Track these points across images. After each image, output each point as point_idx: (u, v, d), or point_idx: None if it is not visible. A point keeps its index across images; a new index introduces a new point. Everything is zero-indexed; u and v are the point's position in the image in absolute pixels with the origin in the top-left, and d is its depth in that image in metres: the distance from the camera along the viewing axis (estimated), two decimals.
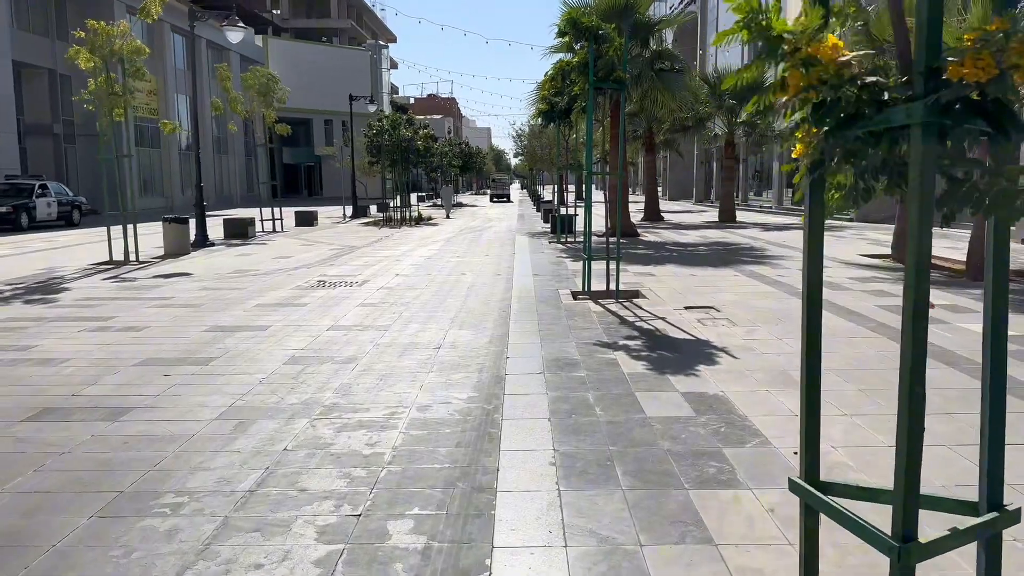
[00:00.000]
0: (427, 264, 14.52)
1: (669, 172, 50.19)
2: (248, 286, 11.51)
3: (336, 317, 8.88)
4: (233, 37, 19.00)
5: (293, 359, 6.83)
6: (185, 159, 44.05)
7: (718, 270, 12.81)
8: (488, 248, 17.90)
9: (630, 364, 6.46)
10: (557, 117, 18.24)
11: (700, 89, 23.84)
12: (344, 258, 15.66)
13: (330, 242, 19.74)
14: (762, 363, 6.46)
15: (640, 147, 27.38)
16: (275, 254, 16.49)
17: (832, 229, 21.89)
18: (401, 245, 18.87)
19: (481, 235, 22.32)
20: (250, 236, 20.76)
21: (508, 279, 12.18)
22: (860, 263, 13.38)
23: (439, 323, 8.54)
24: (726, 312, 8.85)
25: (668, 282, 11.40)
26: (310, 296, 10.49)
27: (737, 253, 15.60)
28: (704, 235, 20.77)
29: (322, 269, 13.72)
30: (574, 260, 14.51)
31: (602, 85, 9.90)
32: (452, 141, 55.05)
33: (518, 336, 7.66)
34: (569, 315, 8.79)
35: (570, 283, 11.41)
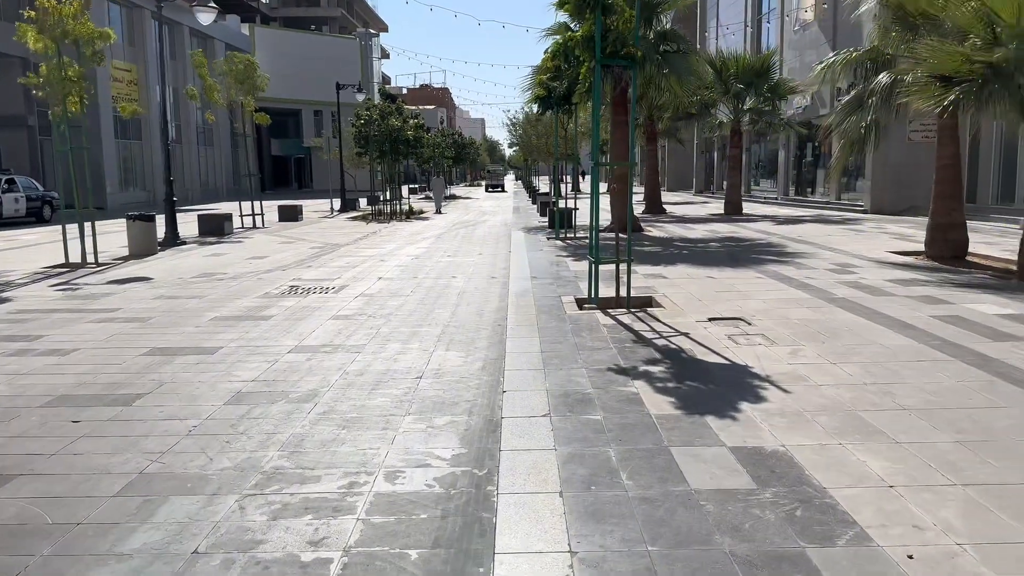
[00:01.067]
0: (414, 265, 13.21)
1: (667, 162, 48.86)
2: (210, 293, 10.19)
3: (302, 335, 7.57)
4: (203, 18, 17.61)
5: (238, 396, 5.52)
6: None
7: (737, 271, 11.53)
8: (482, 245, 16.60)
9: (656, 401, 5.18)
10: (555, 104, 16.94)
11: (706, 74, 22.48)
12: (324, 258, 14.34)
13: (312, 239, 18.40)
14: (822, 400, 5.18)
15: (641, 135, 26.05)
16: (249, 254, 15.16)
17: (847, 222, 20.64)
18: (388, 242, 17.55)
19: (474, 230, 21.01)
20: (226, 233, 19.41)
21: (504, 283, 10.90)
22: (893, 262, 12.11)
23: (423, 342, 7.24)
24: (758, 325, 7.57)
25: (683, 286, 10.12)
26: (277, 306, 9.18)
27: (753, 250, 14.32)
28: (713, 229, 19.49)
29: (298, 272, 12.40)
30: (576, 259, 13.23)
31: (611, 62, 8.58)
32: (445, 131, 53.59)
33: (517, 359, 6.38)
34: (575, 329, 7.51)
35: (573, 288, 10.12)
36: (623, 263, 8.84)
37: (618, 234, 9.11)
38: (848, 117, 12.16)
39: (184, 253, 15.40)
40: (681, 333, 7.28)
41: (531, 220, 24.52)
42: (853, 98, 12.39)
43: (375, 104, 27.32)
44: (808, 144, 29.02)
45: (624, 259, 8.86)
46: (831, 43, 25.77)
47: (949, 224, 12.14)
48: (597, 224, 8.95)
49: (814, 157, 28.89)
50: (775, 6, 31.20)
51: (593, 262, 8.81)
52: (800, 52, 28.02)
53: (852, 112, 12.14)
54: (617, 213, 18.96)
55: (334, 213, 30.28)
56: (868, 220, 21.13)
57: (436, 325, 8.02)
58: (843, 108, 12.47)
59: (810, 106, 27.35)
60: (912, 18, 11.69)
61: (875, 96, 11.73)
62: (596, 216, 8.92)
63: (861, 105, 12.01)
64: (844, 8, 24.65)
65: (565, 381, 5.70)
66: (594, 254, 8.81)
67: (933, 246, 12.29)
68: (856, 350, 6.51)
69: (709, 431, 4.60)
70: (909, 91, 10.52)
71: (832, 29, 25.69)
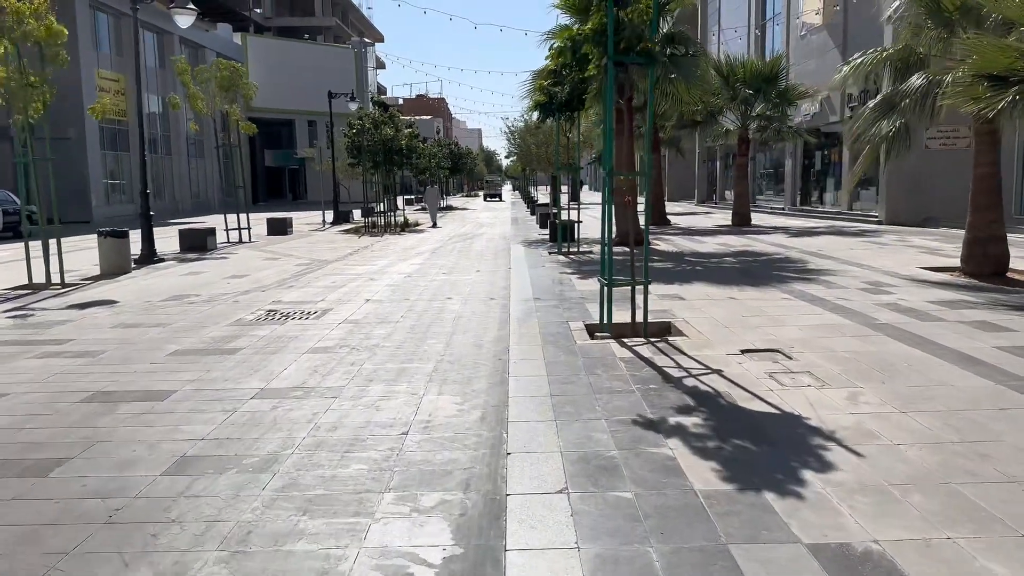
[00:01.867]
0: (407, 284, 12.18)
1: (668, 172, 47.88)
2: (176, 320, 9.14)
3: (271, 374, 6.52)
4: (182, 21, 16.62)
5: (182, 463, 4.48)
6: (156, 163, 41.57)
7: (761, 290, 10.50)
8: (479, 260, 15.57)
9: (699, 469, 4.14)
10: (556, 110, 15.96)
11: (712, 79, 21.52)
12: (309, 276, 13.29)
13: (299, 255, 17.35)
14: (905, 467, 4.15)
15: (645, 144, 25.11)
16: (230, 272, 14.11)
17: (865, 234, 19.65)
18: (379, 258, 16.51)
19: (472, 244, 19.99)
20: (209, 249, 18.36)
21: (504, 305, 9.87)
22: (929, 280, 11.09)
23: (412, 382, 6.20)
24: (801, 359, 6.54)
25: (704, 309, 9.09)
26: (249, 336, 8.13)
27: (773, 266, 13.30)
28: (724, 242, 18.48)
29: (278, 293, 11.35)
30: (581, 277, 12.21)
31: (625, 59, 7.58)
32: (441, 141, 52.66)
33: (522, 407, 5.34)
34: (588, 365, 6.48)
35: (581, 311, 9.10)
36: (639, 285, 7.83)
37: (632, 252, 8.08)
38: (878, 121, 11.18)
39: (160, 271, 14.35)
40: (712, 370, 6.25)
41: (530, 233, 23.52)
42: (882, 101, 11.41)
43: (368, 113, 26.34)
44: (817, 153, 28.08)
45: (640, 280, 7.84)
46: (841, 48, 24.87)
47: (988, 238, 11.13)
48: (610, 240, 7.93)
49: (823, 166, 27.94)
50: (780, 11, 30.34)
51: (605, 284, 7.79)
52: (807, 57, 27.12)
53: (882, 116, 11.15)
54: (622, 226, 17.98)
55: (326, 226, 29.26)
56: (886, 232, 20.14)
57: (428, 360, 6.98)
58: (872, 111, 11.49)
59: (819, 113, 26.42)
60: (948, 13, 10.72)
61: (908, 99, 10.74)
62: (610, 231, 7.91)
63: (892, 108, 11.02)
64: (855, 11, 23.78)
65: (582, 438, 4.67)
66: (607, 275, 7.79)
67: (971, 262, 11.28)
68: (924, 393, 5.48)
69: (775, 518, 3.56)
70: (950, 93, 9.53)
71: (842, 33, 24.79)
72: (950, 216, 21.11)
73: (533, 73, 17.77)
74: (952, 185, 21.52)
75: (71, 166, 34.73)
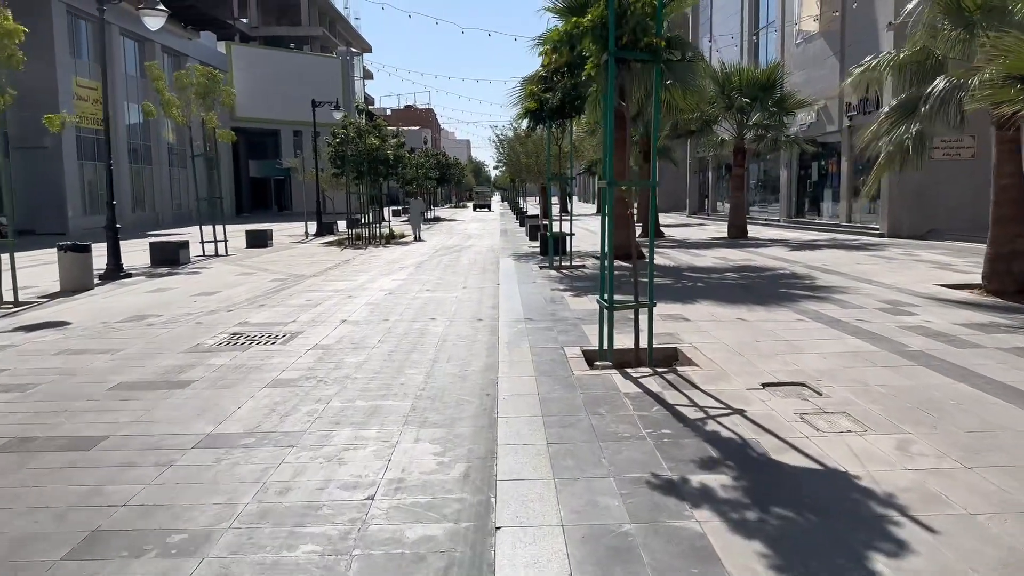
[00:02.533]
0: (387, 303, 11.30)
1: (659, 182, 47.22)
2: (128, 346, 8.22)
3: (222, 414, 5.63)
4: (151, 23, 15.71)
5: (90, 539, 3.59)
6: (137, 173, 40.55)
7: (771, 310, 9.69)
8: (467, 276, 14.71)
9: (741, 557, 3.29)
10: (547, 117, 15.18)
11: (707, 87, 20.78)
12: (284, 294, 12.38)
13: (275, 269, 16.43)
14: (994, 550, 3.31)
15: (638, 154, 24.32)
16: (199, 288, 13.18)
17: (869, 248, 18.92)
18: (360, 273, 15.61)
19: (459, 257, 19.13)
20: (182, 263, 17.42)
21: (492, 327, 9.01)
22: (949, 298, 10.32)
23: (385, 425, 5.33)
24: (832, 395, 5.71)
25: (712, 332, 8.26)
26: (205, 366, 7.23)
27: (779, 283, 12.50)
28: (722, 256, 17.69)
29: (247, 313, 10.45)
30: (575, 294, 11.37)
31: (628, 56, 6.78)
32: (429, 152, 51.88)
33: (513, 460, 4.48)
34: (589, 402, 5.63)
35: (578, 334, 8.25)
36: (643, 307, 7.00)
37: (635, 268, 7.25)
38: (896, 127, 10.42)
39: (125, 288, 13.40)
40: (733, 410, 5.41)
41: (520, 245, 22.69)
42: (900, 106, 10.66)
43: (352, 122, 25.48)
44: (813, 163, 27.42)
45: (644, 302, 7.01)
46: (839, 56, 24.25)
47: (1012, 253, 10.38)
48: (611, 258, 7.10)
49: (820, 177, 27.28)
50: (774, 18, 29.74)
51: (606, 307, 6.95)
52: (803, 66, 26.49)
53: (900, 121, 10.40)
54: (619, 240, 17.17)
55: (309, 238, 28.35)
56: (890, 245, 19.40)
57: (405, 395, 6.11)
58: (888, 117, 10.73)
59: (815, 123, 25.78)
60: (969, 12, 10.00)
61: (929, 103, 9.99)
62: (610, 247, 7.08)
63: (911, 113, 10.27)
64: (854, 18, 23.17)
65: (588, 505, 3.81)
66: (607, 297, 6.95)
67: (994, 279, 10.52)
68: (987, 442, 4.65)
69: None
70: (977, 96, 8.78)
71: (840, 41, 24.17)
72: (955, 229, 20.46)
73: (523, 80, 17.00)
74: (956, 197, 20.91)
75: (46, 176, 33.70)
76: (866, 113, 22.34)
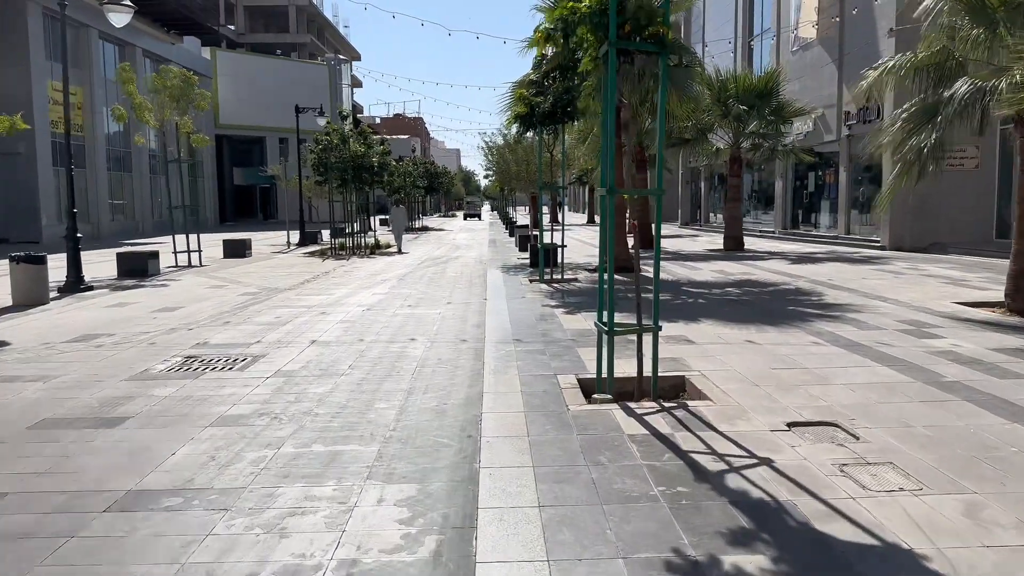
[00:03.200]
0: (364, 321, 10.41)
1: None
2: (69, 371, 7.31)
3: (151, 462, 4.73)
4: (116, 20, 14.77)
5: None
6: (117, 180, 39.50)
7: (782, 331, 8.86)
8: (452, 290, 13.84)
9: None
10: (538, 123, 14.38)
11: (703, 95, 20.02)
12: (252, 309, 11.48)
13: (249, 282, 15.51)
14: None
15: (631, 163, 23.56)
16: (163, 303, 12.25)
17: (872, 261, 18.19)
18: (339, 286, 14.72)
19: (445, 269, 18.26)
20: (151, 274, 16.46)
21: (478, 350, 8.15)
22: (971, 318, 9.54)
23: (344, 478, 4.46)
24: (870, 437, 4.88)
25: (721, 357, 7.43)
26: (148, 397, 6.33)
27: (785, 299, 11.70)
28: (720, 269, 16.90)
29: (208, 332, 9.54)
30: (568, 311, 10.53)
31: (630, 46, 5.96)
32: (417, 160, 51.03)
33: (498, 535, 3.61)
34: (589, 447, 4.78)
35: (572, 359, 7.41)
36: (647, 332, 6.16)
37: (639, 288, 6.42)
38: (914, 134, 9.66)
39: (83, 303, 12.46)
40: (760, 459, 4.57)
41: (509, 256, 21.85)
42: (919, 111, 9.90)
43: (335, 128, 24.61)
44: (810, 173, 26.74)
45: (649, 325, 6.18)
46: (837, 63, 23.60)
47: None
48: (612, 274, 6.27)
49: (817, 187, 26.58)
50: (769, 25, 29.11)
51: (605, 332, 6.10)
52: (800, 73, 25.83)
53: (919, 128, 9.63)
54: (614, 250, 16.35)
55: (290, 247, 27.42)
56: (894, 258, 18.66)
57: (372, 437, 5.24)
58: (906, 123, 9.97)
59: (812, 132, 25.10)
60: (992, 9, 9.26)
61: (951, 107, 9.23)
62: (611, 263, 6.25)
63: (932, 118, 9.50)
64: (853, 24, 22.53)
65: None
66: (607, 319, 6.11)
67: (1019, 297, 9.75)
68: None
69: None
70: (1005, 99, 8.02)
71: (838, 48, 23.52)
72: (959, 242, 19.77)
73: (513, 84, 16.19)
74: (959, 209, 20.24)
75: (20, 183, 32.61)
76: (866, 122, 21.67)
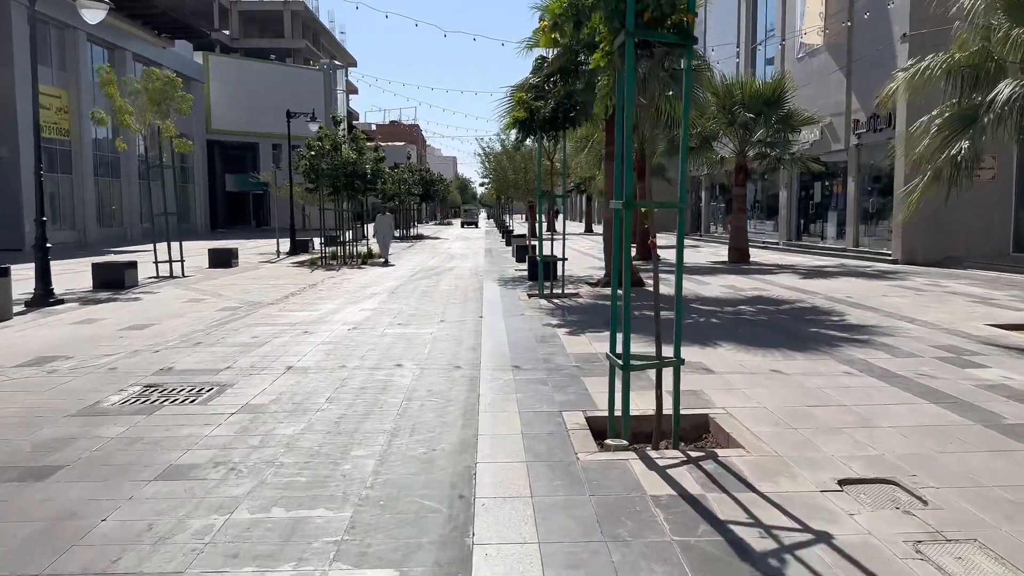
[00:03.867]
0: (349, 341, 9.57)
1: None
2: (9, 406, 6.44)
3: (73, 535, 3.88)
4: (89, 16, 13.98)
5: None
6: (106, 185, 38.62)
7: (810, 358, 8.04)
8: (446, 305, 13.01)
9: None
10: (538, 128, 13.59)
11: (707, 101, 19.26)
12: (229, 327, 10.62)
13: (231, 295, 14.64)
14: None
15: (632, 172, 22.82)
16: (134, 319, 11.39)
17: (887, 276, 17.41)
18: (325, 300, 13.86)
19: (439, 282, 17.42)
20: (128, 286, 15.59)
21: (472, 378, 7.33)
22: (1014, 344, 8.72)
23: (304, 560, 3.62)
24: (937, 499, 4.06)
25: (747, 390, 6.61)
26: (90, 439, 5.48)
27: (803, 319, 10.89)
28: (730, 284, 16.10)
29: (177, 354, 8.68)
30: (570, 332, 9.71)
31: (651, 36, 5.15)
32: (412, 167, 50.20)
33: None
34: (606, 516, 3.95)
35: (578, 390, 6.59)
36: (668, 366, 5.34)
37: (659, 313, 5.60)
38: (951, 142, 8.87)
39: (48, 318, 11.59)
40: (815, 534, 3.74)
41: (506, 267, 21.04)
42: (955, 116, 9.12)
43: (327, 133, 23.79)
44: (816, 183, 25.99)
45: (670, 359, 5.35)
46: (845, 70, 22.89)
47: None
48: (627, 300, 5.45)
49: (824, 198, 25.84)
50: (773, 30, 28.42)
51: (620, 366, 5.27)
52: (806, 80, 25.11)
53: (956, 135, 8.85)
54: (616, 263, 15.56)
55: (280, 256, 26.55)
56: (909, 274, 17.87)
57: (344, 499, 4.39)
58: (941, 129, 9.19)
59: (819, 141, 24.37)
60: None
61: (990, 112, 8.45)
62: (626, 285, 5.43)
63: (970, 124, 8.72)
64: (863, 30, 21.82)
65: None
66: (620, 351, 5.29)
67: None
68: None
69: None
70: None
71: (846, 54, 22.81)
72: (975, 256, 19.02)
73: (511, 87, 15.39)
74: (975, 222, 19.49)
75: (3, 188, 31.75)
76: (876, 131, 20.94)
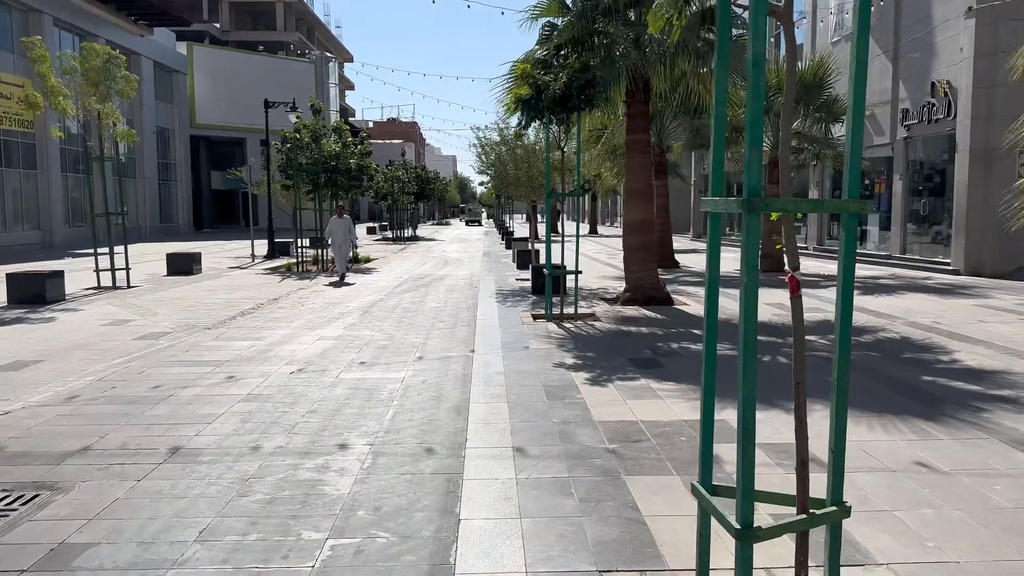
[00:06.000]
0: (283, 396, 6.90)
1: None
2: None
3: None
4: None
5: None
6: (75, 183, 35.93)
7: (955, 435, 5.38)
8: (428, 332, 10.32)
9: None
10: (546, 109, 10.95)
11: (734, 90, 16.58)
12: (133, 367, 7.95)
13: (168, 314, 11.95)
14: None
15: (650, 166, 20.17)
16: (18, 354, 8.72)
17: (958, 291, 14.74)
18: (280, 323, 11.17)
19: (426, 295, 14.73)
20: (51, 300, 12.93)
21: (450, 480, 4.68)
22: None
23: None
24: None
25: (901, 513, 3.98)
26: None
27: (899, 359, 8.20)
28: (777, 301, 13.34)
29: (29, 420, 6.02)
30: (592, 377, 7.08)
31: None
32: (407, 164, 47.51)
33: None
34: None
35: (620, 514, 3.97)
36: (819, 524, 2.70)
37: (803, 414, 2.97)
38: None
39: None
40: None
41: (505, 275, 18.40)
42: None
43: (306, 124, 21.16)
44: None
45: (831, 513, 2.71)
46: (891, 54, 20.24)
47: None
48: (713, 380, 2.83)
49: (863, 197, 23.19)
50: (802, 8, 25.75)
51: (739, 536, 2.61)
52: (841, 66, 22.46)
53: None
54: (636, 277, 12.94)
55: (255, 261, 23.91)
56: (985, 288, 15.16)
57: None
58: None
59: None
60: None
61: None
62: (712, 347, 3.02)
63: None
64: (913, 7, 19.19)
65: None
66: (703, 478, 2.66)
67: None
68: None
69: None
70: None
71: (892, 35, 20.16)
72: None
73: (513, 63, 12.69)
74: None
75: None
76: (931, 121, 18.30)
